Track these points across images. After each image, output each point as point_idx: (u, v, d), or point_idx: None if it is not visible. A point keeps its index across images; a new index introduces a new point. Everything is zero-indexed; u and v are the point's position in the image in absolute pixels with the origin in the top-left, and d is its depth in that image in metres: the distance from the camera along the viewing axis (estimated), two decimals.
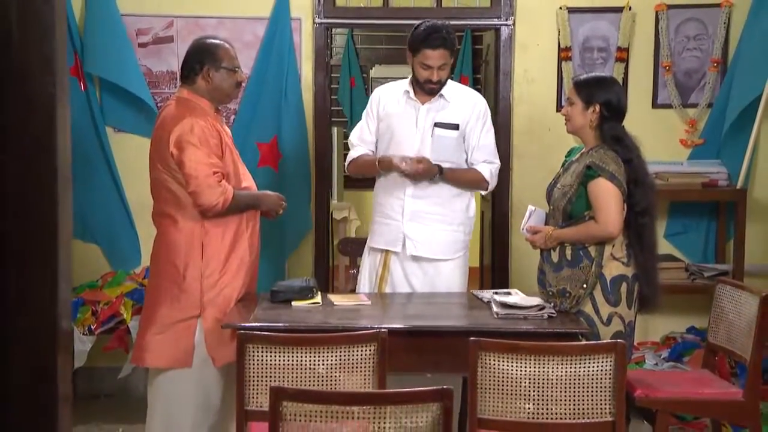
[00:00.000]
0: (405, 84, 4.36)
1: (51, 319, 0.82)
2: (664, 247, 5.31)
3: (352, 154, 4.46)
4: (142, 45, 5.36)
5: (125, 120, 5.33)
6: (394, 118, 4.33)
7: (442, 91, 4.27)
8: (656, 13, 5.37)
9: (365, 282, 4.40)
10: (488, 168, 4.32)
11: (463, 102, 4.31)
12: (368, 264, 4.41)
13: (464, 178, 4.31)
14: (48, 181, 0.84)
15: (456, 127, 4.26)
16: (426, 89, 4.26)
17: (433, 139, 4.24)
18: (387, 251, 4.31)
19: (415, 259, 4.28)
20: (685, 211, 5.45)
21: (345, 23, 6.27)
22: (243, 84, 4.12)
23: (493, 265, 5.52)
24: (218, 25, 5.32)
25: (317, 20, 5.39)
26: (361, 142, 4.44)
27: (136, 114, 5.32)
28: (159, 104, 5.31)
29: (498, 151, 4.43)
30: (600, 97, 3.76)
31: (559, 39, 5.37)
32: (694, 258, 5.40)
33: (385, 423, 2.49)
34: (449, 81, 4.32)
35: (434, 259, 4.28)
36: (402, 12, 5.71)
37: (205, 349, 3.75)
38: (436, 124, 4.25)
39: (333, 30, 5.99)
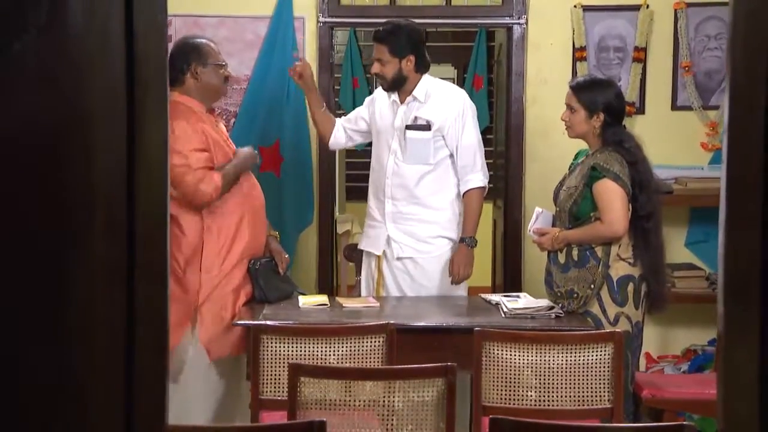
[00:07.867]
0: None
1: (163, 331, 1.10)
2: (685, 255, 5.92)
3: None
4: None
5: None
6: (377, 117, 5.09)
7: (414, 92, 4.94)
8: (675, 11, 5.97)
9: (364, 287, 5.14)
10: (472, 182, 4.95)
11: (438, 101, 4.96)
12: (365, 269, 5.16)
13: (475, 218, 4.98)
14: (162, 193, 1.08)
15: (428, 127, 4.92)
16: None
17: (406, 141, 4.92)
18: (379, 256, 5.01)
19: (401, 260, 4.96)
20: (707, 218, 5.98)
21: (350, 22, 6.86)
22: (230, 79, 4.77)
23: (505, 272, 6.15)
24: (219, 24, 5.96)
25: (321, 19, 6.01)
26: (345, 119, 5.29)
27: None
28: None
29: (509, 154, 5.07)
30: (602, 103, 4.42)
31: (573, 38, 5.96)
32: (716, 267, 6.00)
33: (394, 397, 3.18)
34: (427, 79, 4.98)
35: (416, 257, 4.95)
36: (410, 10, 6.32)
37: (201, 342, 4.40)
38: (408, 127, 4.93)
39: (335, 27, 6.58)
